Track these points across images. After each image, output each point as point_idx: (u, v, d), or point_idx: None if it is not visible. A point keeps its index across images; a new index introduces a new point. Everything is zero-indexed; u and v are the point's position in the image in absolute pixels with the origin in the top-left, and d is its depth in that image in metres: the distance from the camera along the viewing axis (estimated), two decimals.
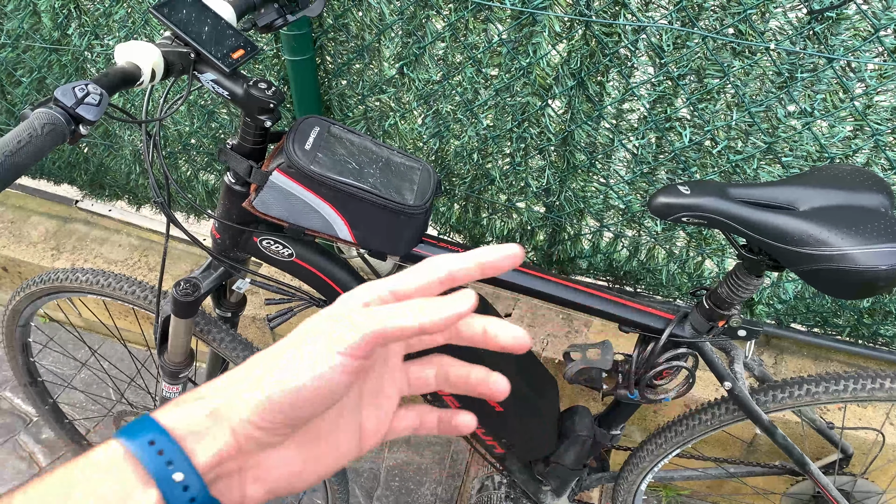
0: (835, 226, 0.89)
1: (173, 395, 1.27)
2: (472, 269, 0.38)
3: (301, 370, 0.35)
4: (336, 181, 0.95)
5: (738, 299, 1.04)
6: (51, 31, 1.55)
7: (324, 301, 1.16)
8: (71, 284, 1.31)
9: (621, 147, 1.32)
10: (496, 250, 0.38)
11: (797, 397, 1.16)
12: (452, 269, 0.38)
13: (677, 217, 0.94)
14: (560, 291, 1.10)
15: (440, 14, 1.25)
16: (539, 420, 1.26)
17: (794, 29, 1.09)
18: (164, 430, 0.35)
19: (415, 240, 1.05)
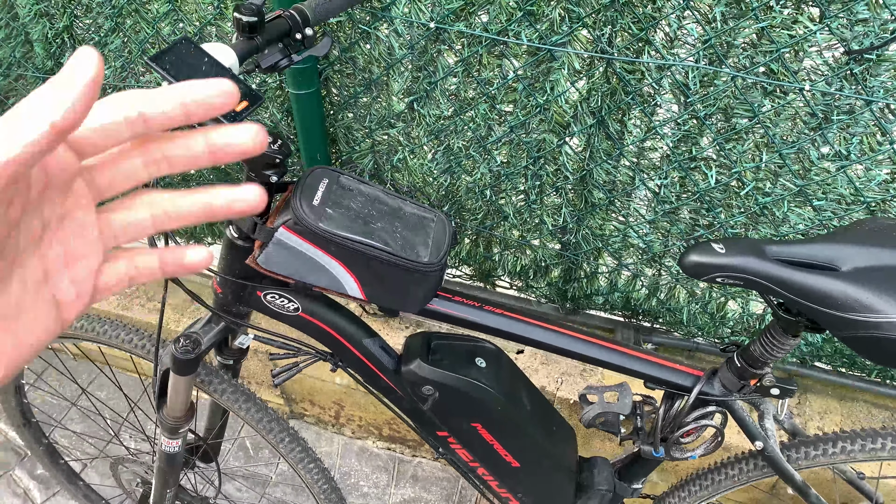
0: (882, 289, 0.83)
1: (173, 450, 1.21)
2: (173, 111, 0.29)
3: None
4: (346, 239, 0.89)
5: (772, 359, 0.98)
6: (44, 59, 1.48)
7: (330, 355, 1.09)
8: (66, 331, 1.25)
9: (642, 186, 1.26)
10: (204, 85, 0.29)
11: (832, 455, 1.10)
12: (146, 111, 0.29)
13: (712, 277, 0.88)
14: (582, 348, 1.04)
15: (452, 49, 1.18)
16: (557, 473, 1.20)
17: (831, 69, 1.02)
18: None
19: (429, 296, 0.99)
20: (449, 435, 1.14)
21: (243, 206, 0.33)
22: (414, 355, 1.06)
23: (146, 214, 0.34)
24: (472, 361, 1.08)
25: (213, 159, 0.32)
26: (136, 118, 0.29)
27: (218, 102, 0.30)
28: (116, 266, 0.34)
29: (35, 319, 0.32)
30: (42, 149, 0.26)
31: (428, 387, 1.05)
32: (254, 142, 0.31)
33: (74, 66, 0.27)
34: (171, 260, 0.35)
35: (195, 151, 0.32)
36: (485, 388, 1.05)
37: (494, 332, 1.04)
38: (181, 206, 0.34)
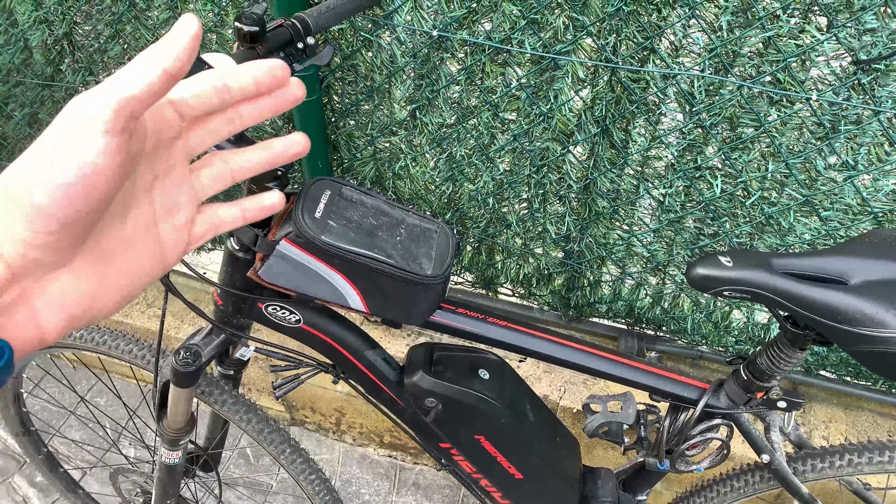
0: (891, 304, 0.82)
1: (173, 462, 1.20)
2: (247, 83, 0.37)
3: (62, 164, 0.31)
4: (349, 251, 0.88)
5: (779, 372, 0.97)
6: (43, 66, 1.47)
7: (332, 366, 1.08)
8: (65, 340, 1.24)
9: (647, 195, 1.25)
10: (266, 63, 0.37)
11: (839, 468, 1.08)
12: (229, 82, 0.37)
13: (719, 291, 0.87)
14: (587, 360, 1.03)
15: (455, 57, 1.17)
16: (560, 485, 1.19)
17: (838, 79, 1.01)
18: None
19: (432, 308, 0.98)
20: (452, 447, 1.13)
21: (297, 148, 0.41)
22: (417, 367, 1.05)
23: (226, 169, 0.40)
24: (476, 373, 1.07)
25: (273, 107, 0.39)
26: (222, 87, 0.36)
27: (279, 74, 0.37)
28: (204, 217, 0.41)
29: (143, 257, 0.38)
30: (155, 90, 0.32)
31: (431, 399, 1.04)
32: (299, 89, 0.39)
33: (179, 27, 0.33)
34: (249, 206, 0.42)
35: (260, 104, 0.39)
36: (488, 400, 1.04)
37: (498, 343, 1.03)
38: (251, 158, 0.40)
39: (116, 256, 0.37)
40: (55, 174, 0.31)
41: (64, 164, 0.31)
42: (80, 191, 0.31)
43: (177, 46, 0.32)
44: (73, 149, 0.31)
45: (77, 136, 0.31)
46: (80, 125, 0.31)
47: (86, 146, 0.31)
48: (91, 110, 0.31)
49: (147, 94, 0.32)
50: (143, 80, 0.32)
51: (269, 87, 0.37)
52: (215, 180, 0.40)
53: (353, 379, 1.09)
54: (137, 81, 0.32)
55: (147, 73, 0.32)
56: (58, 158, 0.31)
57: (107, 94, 0.31)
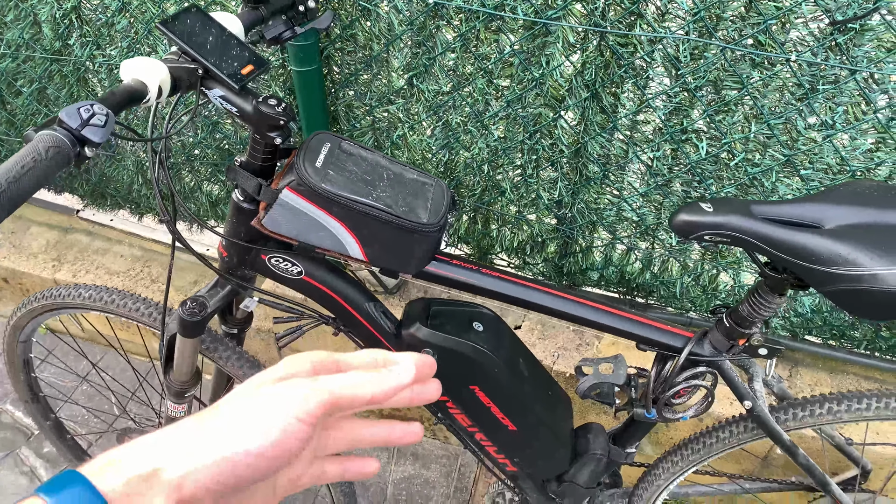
0: (863, 245, 0.87)
1: (179, 415, 1.25)
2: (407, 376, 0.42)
3: (259, 433, 0.36)
4: (348, 199, 0.92)
5: (759, 318, 1.01)
6: (52, 41, 1.52)
7: (333, 319, 1.13)
8: (74, 301, 1.28)
9: (636, 159, 1.29)
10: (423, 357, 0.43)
11: (818, 416, 1.13)
12: (389, 360, 0.43)
13: (700, 235, 0.92)
14: (576, 309, 1.08)
15: (451, 24, 1.22)
16: (553, 439, 1.23)
17: (816, 40, 1.06)
18: (97, 493, 0.33)
19: (428, 257, 1.03)
20: (448, 399, 1.17)
21: (413, 438, 0.45)
22: (413, 319, 1.09)
23: (347, 435, 0.44)
24: (471, 326, 1.12)
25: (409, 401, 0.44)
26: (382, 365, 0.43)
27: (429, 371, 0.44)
28: (314, 468, 0.44)
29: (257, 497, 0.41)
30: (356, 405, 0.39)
31: (427, 350, 1.08)
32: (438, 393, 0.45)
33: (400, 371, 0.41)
34: (352, 468, 0.45)
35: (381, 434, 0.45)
36: (483, 350, 1.08)
37: (491, 294, 1.07)
38: (374, 433, 0.45)
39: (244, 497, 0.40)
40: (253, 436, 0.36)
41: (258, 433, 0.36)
42: (266, 460, 0.36)
43: (390, 383, 0.40)
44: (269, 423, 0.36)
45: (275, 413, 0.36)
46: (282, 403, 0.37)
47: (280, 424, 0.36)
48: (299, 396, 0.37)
49: (348, 404, 0.38)
50: (353, 392, 0.38)
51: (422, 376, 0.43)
52: (338, 443, 0.44)
53: (353, 331, 1.13)
54: (350, 390, 0.38)
55: (359, 388, 0.38)
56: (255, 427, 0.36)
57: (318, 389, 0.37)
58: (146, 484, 0.34)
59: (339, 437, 0.44)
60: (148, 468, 0.34)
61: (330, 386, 0.38)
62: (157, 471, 0.34)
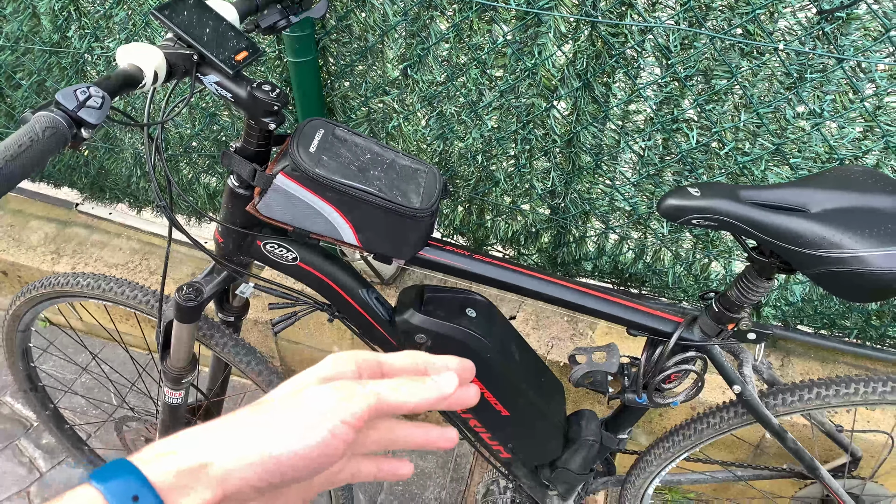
0: (848, 228, 0.88)
1: (176, 401, 1.26)
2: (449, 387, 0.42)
3: (306, 434, 0.36)
4: (341, 184, 0.94)
5: (748, 302, 1.03)
6: (50, 33, 1.53)
7: (328, 305, 1.14)
8: (72, 289, 1.30)
9: (627, 149, 1.31)
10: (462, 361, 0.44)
11: (807, 401, 1.14)
12: (429, 363, 0.44)
13: (687, 219, 0.93)
14: (568, 295, 1.09)
15: (444, 15, 1.24)
16: (546, 425, 1.25)
17: (804, 29, 1.07)
18: (148, 484, 0.34)
19: (421, 243, 1.04)
20: None
21: (447, 444, 0.45)
22: (407, 306, 1.10)
23: (385, 436, 0.44)
24: (464, 312, 1.13)
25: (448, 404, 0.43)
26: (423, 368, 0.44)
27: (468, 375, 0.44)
28: (349, 466, 0.44)
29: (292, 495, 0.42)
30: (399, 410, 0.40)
31: (420, 335, 1.10)
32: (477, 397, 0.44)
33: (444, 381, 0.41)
34: (386, 469, 0.46)
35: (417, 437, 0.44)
36: (476, 336, 1.10)
37: (484, 279, 1.08)
38: (408, 434, 0.45)
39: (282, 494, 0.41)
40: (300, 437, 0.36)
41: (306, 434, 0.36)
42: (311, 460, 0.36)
43: (434, 393, 0.40)
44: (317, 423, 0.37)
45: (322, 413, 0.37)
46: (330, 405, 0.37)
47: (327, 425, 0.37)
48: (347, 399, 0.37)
49: (394, 409, 0.39)
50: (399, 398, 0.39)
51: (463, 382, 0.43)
52: (374, 443, 0.44)
53: (348, 318, 1.14)
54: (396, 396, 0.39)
55: (405, 395, 0.39)
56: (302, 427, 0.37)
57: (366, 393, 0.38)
58: (195, 477, 0.35)
59: (376, 437, 0.44)
60: (197, 461, 0.35)
61: (377, 390, 0.38)
62: (205, 465, 0.35)
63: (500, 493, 1.51)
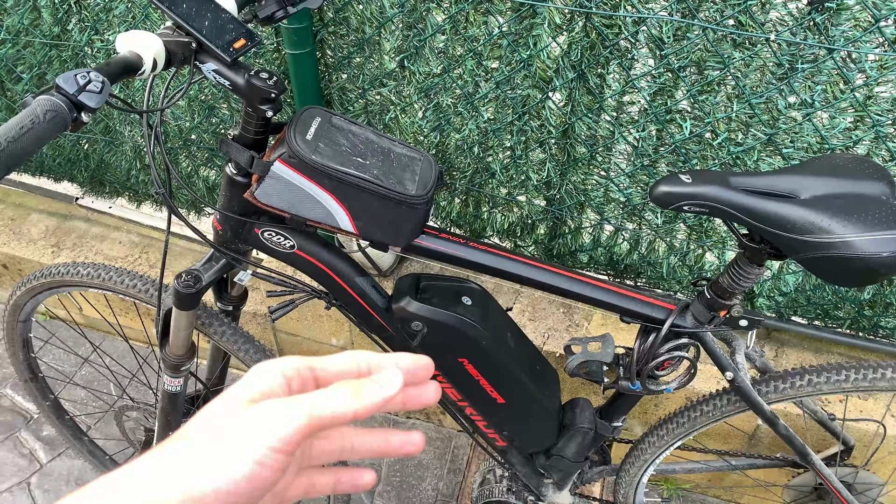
0: (836, 214, 0.89)
1: (175, 389, 1.27)
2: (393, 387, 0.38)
3: (230, 468, 0.33)
4: (338, 171, 0.95)
5: (739, 289, 1.04)
6: (51, 26, 1.55)
7: (325, 293, 1.16)
8: (72, 279, 1.31)
9: (622, 139, 1.32)
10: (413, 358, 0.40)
11: (799, 387, 1.16)
12: (372, 364, 0.39)
13: (679, 206, 0.94)
14: (561, 282, 1.10)
15: (440, 6, 1.25)
16: (541, 412, 1.26)
17: (795, 19, 1.09)
18: None
19: (417, 231, 1.05)
20: (438, 373, 1.20)
21: (412, 448, 0.41)
22: (403, 293, 1.12)
23: (336, 446, 0.41)
24: (459, 300, 1.14)
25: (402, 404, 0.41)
26: (366, 370, 0.39)
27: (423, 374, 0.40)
28: (300, 481, 0.41)
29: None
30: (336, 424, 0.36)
31: (417, 322, 1.11)
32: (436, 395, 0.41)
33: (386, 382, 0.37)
34: (345, 480, 0.43)
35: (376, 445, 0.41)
36: (471, 323, 1.11)
37: (479, 267, 1.10)
38: (364, 441, 0.42)
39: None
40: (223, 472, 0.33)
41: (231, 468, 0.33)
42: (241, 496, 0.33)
43: (375, 398, 0.36)
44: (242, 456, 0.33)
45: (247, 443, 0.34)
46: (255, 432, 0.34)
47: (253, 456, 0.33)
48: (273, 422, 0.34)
49: (329, 423, 0.35)
50: (334, 409, 0.35)
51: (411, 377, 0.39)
52: (323, 454, 0.41)
53: (345, 305, 1.16)
54: (329, 408, 0.35)
55: (340, 405, 0.35)
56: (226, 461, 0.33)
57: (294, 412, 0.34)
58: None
59: (328, 448, 0.41)
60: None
61: (308, 408, 0.35)
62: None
63: (497, 482, 1.52)
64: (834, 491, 1.28)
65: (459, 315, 1.11)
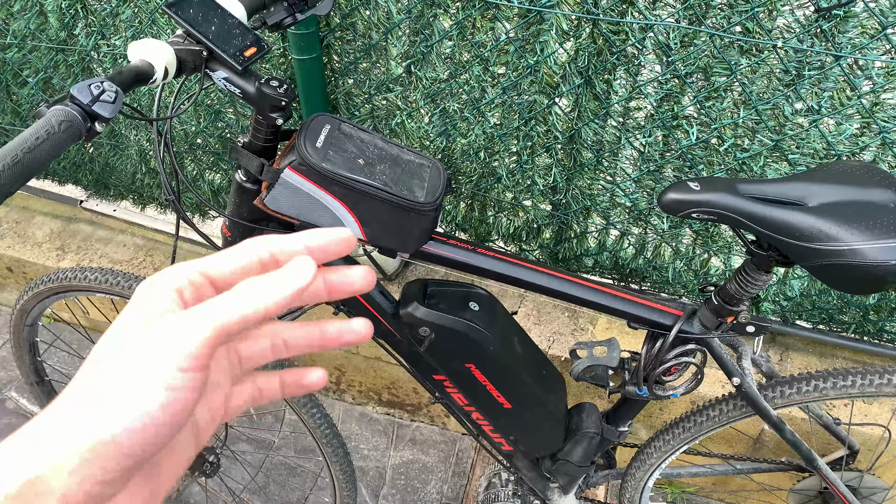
0: (844, 221, 0.90)
1: None
2: (298, 252, 0.34)
3: (139, 402, 0.29)
4: (347, 178, 0.95)
5: (746, 295, 1.04)
6: (57, 31, 1.55)
7: None
8: (79, 283, 1.31)
9: (628, 145, 1.33)
10: (325, 233, 0.34)
11: (805, 393, 1.16)
12: (275, 251, 0.34)
13: (687, 213, 0.95)
14: (569, 288, 1.11)
15: (447, 12, 1.25)
16: (547, 417, 1.26)
17: (802, 27, 1.09)
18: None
19: (425, 237, 1.06)
20: (445, 378, 1.20)
21: (352, 336, 0.36)
22: (411, 299, 1.12)
23: (267, 344, 0.38)
24: (467, 305, 1.15)
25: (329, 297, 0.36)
26: (269, 259, 0.34)
27: (337, 248, 0.34)
28: (242, 389, 0.38)
29: (183, 447, 0.35)
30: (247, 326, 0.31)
31: (424, 328, 1.12)
32: (365, 283, 0.35)
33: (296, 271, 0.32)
34: (291, 381, 0.39)
35: (311, 338, 0.37)
36: (478, 328, 1.11)
37: (487, 273, 1.10)
38: (297, 336, 0.37)
39: (164, 460, 0.34)
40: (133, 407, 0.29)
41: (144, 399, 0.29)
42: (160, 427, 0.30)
43: (285, 291, 0.31)
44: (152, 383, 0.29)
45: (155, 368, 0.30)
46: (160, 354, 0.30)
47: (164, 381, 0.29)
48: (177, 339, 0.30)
49: (238, 328, 0.31)
50: (240, 312, 0.31)
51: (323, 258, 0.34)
52: (254, 356, 0.38)
53: (352, 311, 1.16)
54: (235, 312, 0.31)
55: (246, 306, 0.31)
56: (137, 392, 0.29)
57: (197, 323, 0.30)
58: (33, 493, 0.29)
59: (257, 349, 0.37)
60: (22, 480, 0.28)
61: (210, 318, 0.30)
62: (33, 481, 0.28)
63: (503, 486, 1.53)
64: (840, 495, 1.29)
65: (467, 321, 1.11)
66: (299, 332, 0.37)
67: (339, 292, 0.35)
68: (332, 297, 0.35)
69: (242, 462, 1.89)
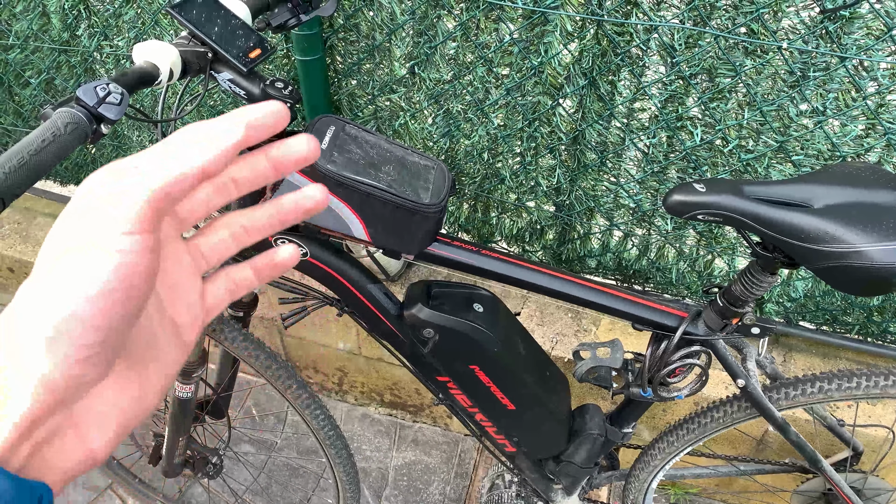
0: (850, 223, 0.90)
1: (186, 395, 1.28)
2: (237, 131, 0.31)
3: (95, 268, 0.28)
4: (352, 180, 0.95)
5: (752, 297, 1.04)
6: (60, 32, 1.55)
7: (337, 300, 1.16)
8: None
9: (632, 146, 1.32)
10: (257, 108, 0.32)
11: (810, 394, 1.16)
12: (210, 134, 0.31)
13: (693, 215, 0.95)
14: (572, 289, 1.11)
15: (451, 13, 1.25)
16: (550, 418, 1.26)
17: (807, 28, 1.09)
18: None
19: (429, 238, 1.06)
20: (449, 379, 1.20)
21: (310, 203, 0.36)
22: (415, 300, 1.12)
23: (226, 235, 0.37)
24: (470, 307, 1.15)
25: (276, 172, 0.34)
26: None
27: (273, 121, 0.32)
28: (216, 285, 0.38)
29: (167, 346, 0.35)
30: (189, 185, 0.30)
31: (428, 329, 1.11)
32: (308, 148, 0.34)
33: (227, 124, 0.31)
34: (262, 264, 0.38)
35: (258, 169, 0.35)
36: (482, 330, 1.11)
37: (491, 275, 1.10)
38: (256, 219, 0.36)
39: (147, 354, 0.34)
40: (85, 282, 0.28)
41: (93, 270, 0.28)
42: (119, 295, 0.29)
43: (222, 143, 0.30)
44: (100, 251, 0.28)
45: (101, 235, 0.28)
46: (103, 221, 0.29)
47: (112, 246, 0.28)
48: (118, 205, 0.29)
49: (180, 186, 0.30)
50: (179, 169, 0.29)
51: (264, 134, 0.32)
52: (216, 249, 0.37)
53: (356, 312, 1.16)
54: (173, 170, 0.29)
55: (184, 163, 0.29)
56: (86, 264, 0.28)
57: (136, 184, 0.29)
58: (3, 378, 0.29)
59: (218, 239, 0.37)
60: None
61: (145, 180, 0.29)
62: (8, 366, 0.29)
63: (506, 487, 1.52)
64: (844, 497, 1.28)
65: (471, 322, 1.11)
66: (257, 214, 0.36)
67: (284, 166, 0.34)
68: (279, 173, 0.34)
69: (245, 463, 1.89)
